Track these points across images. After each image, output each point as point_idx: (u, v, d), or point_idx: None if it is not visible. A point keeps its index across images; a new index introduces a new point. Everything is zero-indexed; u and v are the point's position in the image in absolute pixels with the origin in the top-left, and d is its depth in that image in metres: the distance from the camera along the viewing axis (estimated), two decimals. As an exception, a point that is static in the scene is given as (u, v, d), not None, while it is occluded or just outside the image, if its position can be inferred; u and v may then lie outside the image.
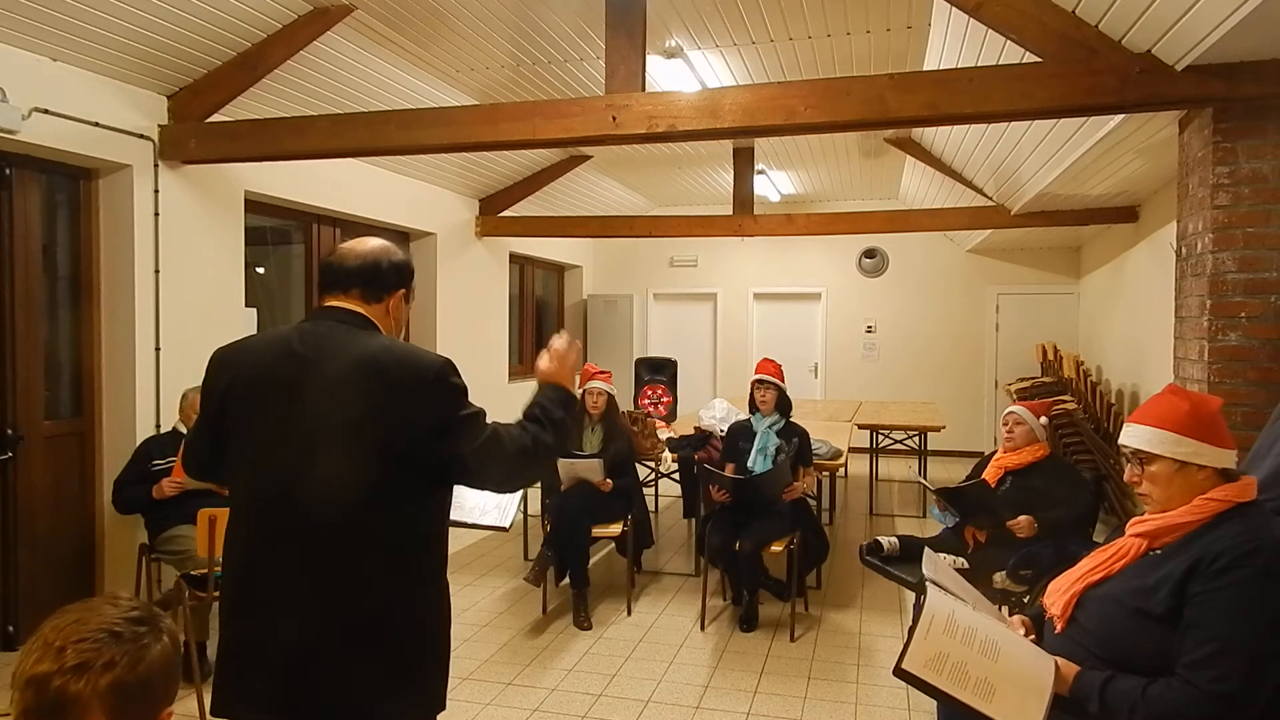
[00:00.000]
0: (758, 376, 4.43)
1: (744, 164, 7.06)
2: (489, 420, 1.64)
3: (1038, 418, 3.69)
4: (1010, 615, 2.18)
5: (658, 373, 9.67)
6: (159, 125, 4.30)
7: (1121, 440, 1.79)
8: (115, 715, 1.00)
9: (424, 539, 1.63)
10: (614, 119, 3.61)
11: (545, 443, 1.69)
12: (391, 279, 1.71)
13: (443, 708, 1.67)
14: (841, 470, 5.87)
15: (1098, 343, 7.91)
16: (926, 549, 2.03)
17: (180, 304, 4.44)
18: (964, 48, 4.16)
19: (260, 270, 5.50)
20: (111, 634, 1.02)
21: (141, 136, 4.20)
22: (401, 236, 6.82)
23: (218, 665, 1.59)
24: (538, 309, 9.60)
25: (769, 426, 4.41)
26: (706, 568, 4.53)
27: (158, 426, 4.29)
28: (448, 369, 1.61)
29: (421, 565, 1.63)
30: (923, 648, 1.55)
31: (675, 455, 5.45)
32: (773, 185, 8.44)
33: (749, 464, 4.38)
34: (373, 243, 1.73)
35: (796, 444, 4.36)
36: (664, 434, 5.70)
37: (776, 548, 4.18)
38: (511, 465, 1.64)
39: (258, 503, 1.57)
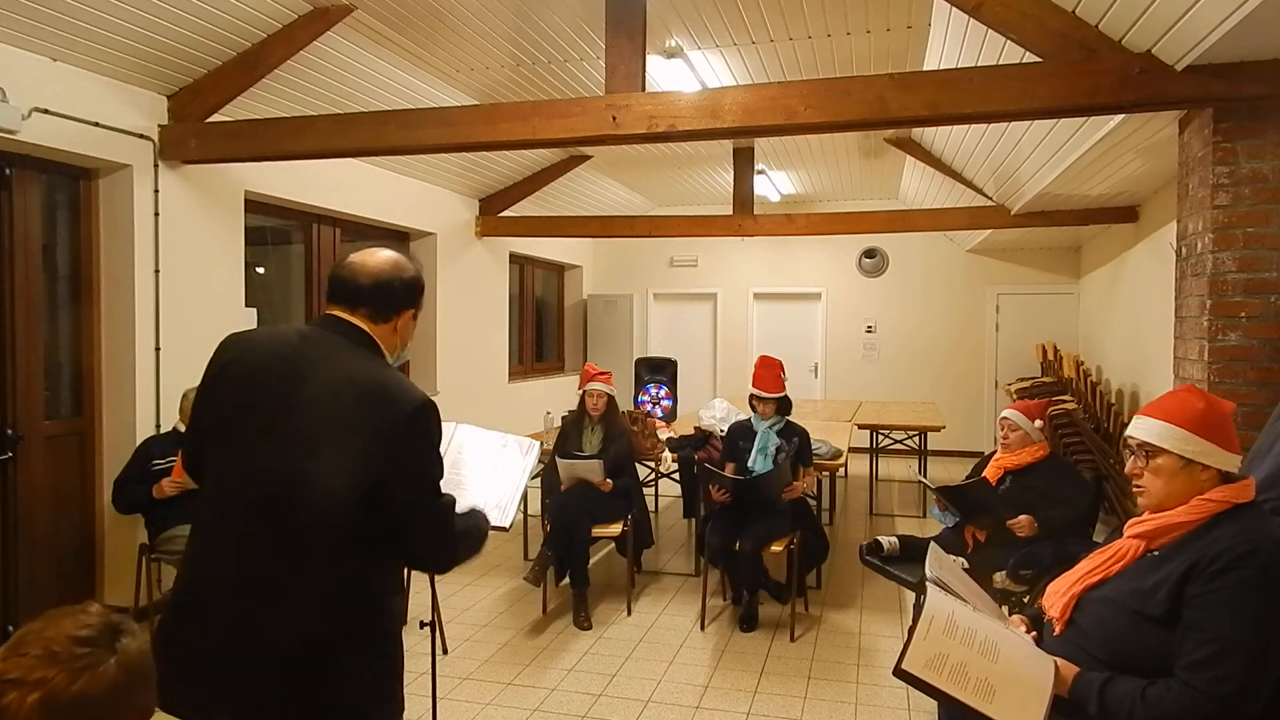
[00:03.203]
0: (756, 393, 4.40)
1: (744, 164, 7.06)
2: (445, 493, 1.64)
3: (1033, 420, 3.68)
4: (1010, 615, 2.18)
5: (658, 373, 9.67)
6: (159, 125, 4.30)
7: (1129, 431, 1.78)
8: None
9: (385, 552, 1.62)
10: (614, 119, 3.61)
11: (470, 538, 1.74)
12: (403, 299, 1.67)
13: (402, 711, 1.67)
14: (841, 470, 5.87)
15: (1098, 343, 7.91)
16: (932, 544, 2.03)
17: (180, 304, 4.44)
18: (964, 48, 4.16)
19: (260, 270, 5.50)
20: (50, 653, 1.01)
21: (141, 136, 4.21)
22: (401, 236, 6.83)
23: (168, 667, 1.53)
24: (538, 309, 9.60)
25: (769, 426, 4.40)
26: (706, 568, 4.53)
27: (158, 426, 4.29)
28: (426, 409, 1.56)
29: (393, 572, 1.63)
30: (923, 648, 1.55)
31: (675, 455, 5.44)
32: (773, 185, 8.44)
33: (749, 464, 4.37)
34: (383, 256, 1.67)
35: (796, 444, 4.35)
36: (664, 434, 5.70)
37: (776, 548, 4.18)
38: (447, 544, 1.65)
39: (237, 500, 1.55)
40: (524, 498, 2.66)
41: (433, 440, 1.59)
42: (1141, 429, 1.75)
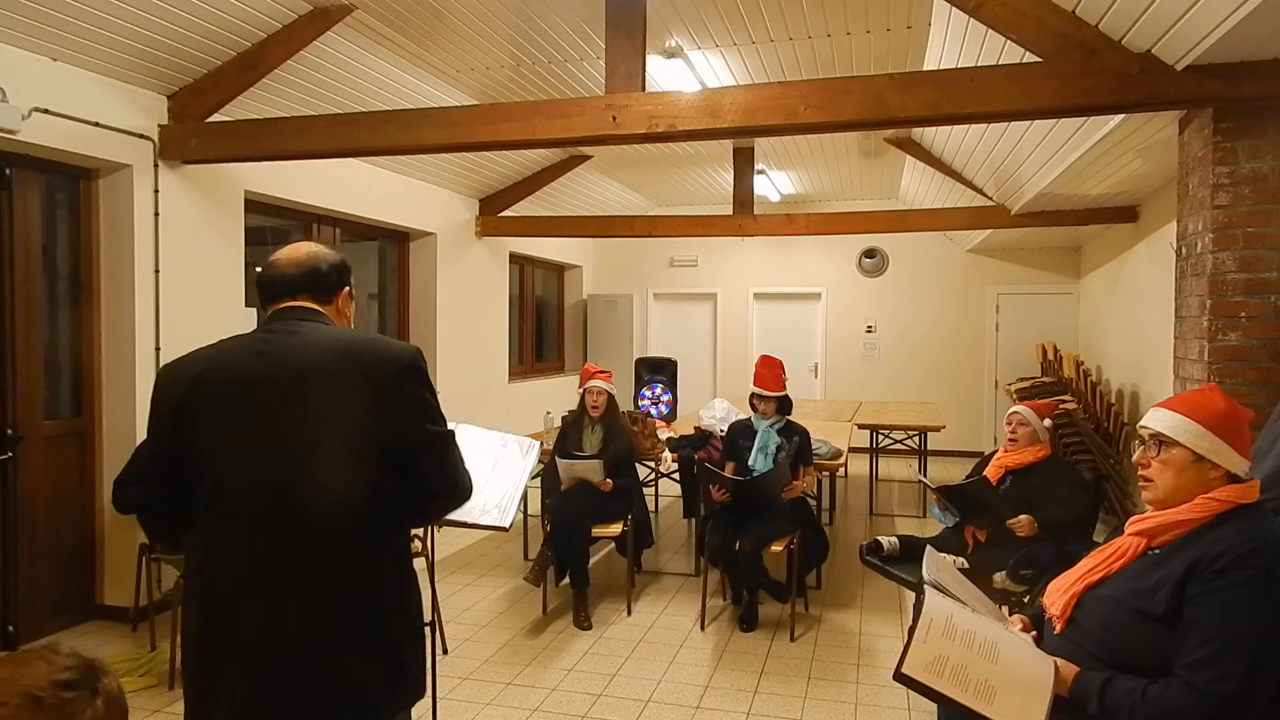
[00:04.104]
0: (757, 391, 4.40)
1: (744, 164, 7.06)
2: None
3: (1042, 419, 3.68)
4: (1010, 615, 2.18)
5: (658, 373, 9.66)
6: (159, 125, 4.30)
7: (1144, 421, 1.78)
8: None
9: (405, 527, 1.66)
10: (614, 119, 3.61)
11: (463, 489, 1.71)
12: (334, 279, 1.74)
13: (424, 693, 1.68)
14: (841, 470, 5.87)
15: (1098, 343, 7.91)
16: (929, 547, 2.03)
17: (180, 304, 4.44)
18: (964, 48, 4.15)
19: (260, 270, 5.50)
20: (34, 699, 0.95)
21: (141, 136, 4.20)
22: (401, 236, 6.82)
23: (195, 671, 1.56)
24: (538, 309, 9.60)
25: (769, 426, 4.40)
26: (706, 568, 4.53)
27: (158, 426, 4.28)
28: (418, 358, 1.64)
29: (405, 552, 1.65)
30: (922, 651, 1.55)
31: (675, 455, 5.45)
32: (773, 185, 8.44)
33: (749, 463, 4.37)
34: (305, 248, 1.76)
35: (797, 443, 4.35)
36: (664, 434, 5.70)
37: (776, 548, 4.18)
38: (455, 476, 1.66)
39: (246, 501, 1.52)
40: (524, 498, 2.67)
41: (429, 387, 1.64)
42: (1158, 420, 1.75)
